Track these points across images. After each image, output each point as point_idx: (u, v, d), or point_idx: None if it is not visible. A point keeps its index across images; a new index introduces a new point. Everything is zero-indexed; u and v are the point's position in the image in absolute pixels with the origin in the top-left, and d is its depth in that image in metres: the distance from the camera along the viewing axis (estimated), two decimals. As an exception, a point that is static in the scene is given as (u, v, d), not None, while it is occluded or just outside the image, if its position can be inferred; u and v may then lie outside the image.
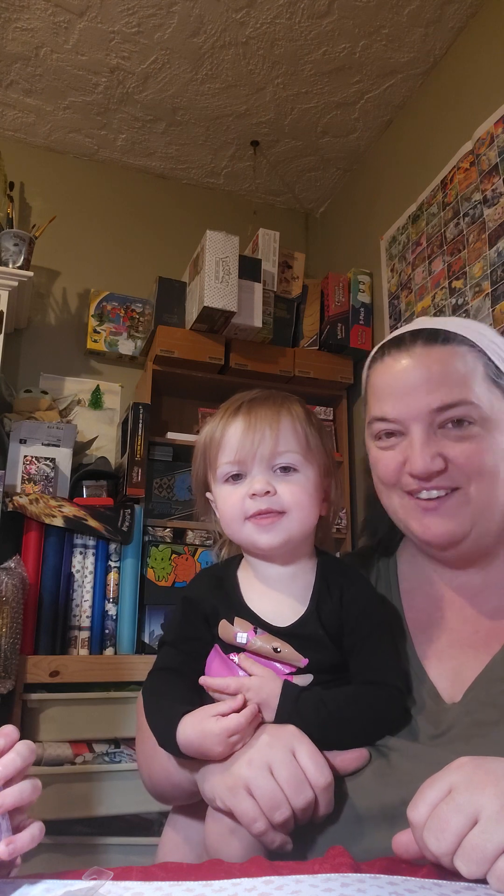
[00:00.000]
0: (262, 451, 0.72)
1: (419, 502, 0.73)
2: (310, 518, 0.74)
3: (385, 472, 0.76)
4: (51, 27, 2.30)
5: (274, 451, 0.72)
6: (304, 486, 0.73)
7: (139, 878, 0.52)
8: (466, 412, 0.72)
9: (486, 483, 0.72)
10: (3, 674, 1.79)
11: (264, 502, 0.71)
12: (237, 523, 0.73)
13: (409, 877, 0.52)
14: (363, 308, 2.68)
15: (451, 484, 0.72)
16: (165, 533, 2.32)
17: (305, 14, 2.23)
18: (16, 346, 2.60)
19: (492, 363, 0.75)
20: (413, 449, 0.72)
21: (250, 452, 0.72)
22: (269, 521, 0.72)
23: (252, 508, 0.72)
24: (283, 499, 0.72)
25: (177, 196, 3.04)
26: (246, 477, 0.73)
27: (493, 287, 1.96)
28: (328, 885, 0.50)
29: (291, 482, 0.73)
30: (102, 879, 0.50)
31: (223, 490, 0.75)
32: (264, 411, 0.74)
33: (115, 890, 0.49)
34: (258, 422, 0.72)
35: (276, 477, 0.72)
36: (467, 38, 2.25)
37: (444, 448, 0.72)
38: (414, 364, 0.74)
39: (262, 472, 0.72)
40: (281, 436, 0.72)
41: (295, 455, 0.73)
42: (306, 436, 0.74)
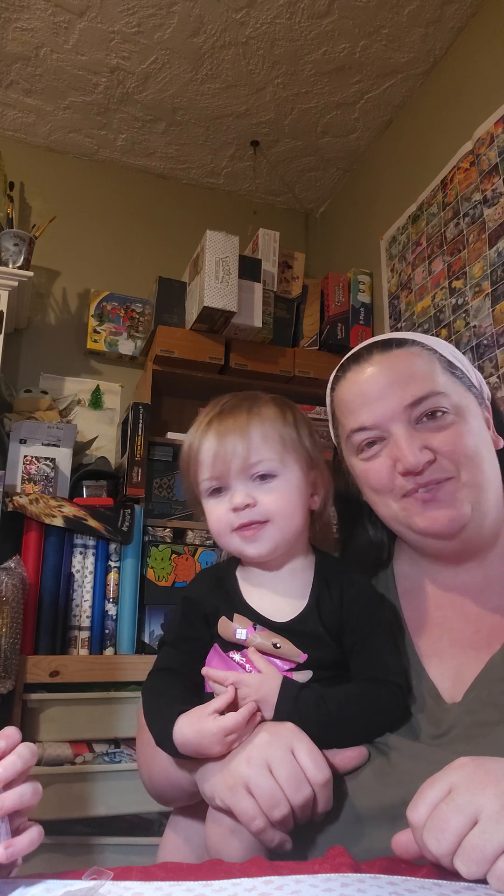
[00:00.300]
0: (235, 465, 0.72)
1: (417, 497, 0.74)
2: (295, 521, 0.74)
3: (378, 480, 0.77)
4: (51, 27, 2.30)
5: (247, 463, 0.72)
6: (285, 490, 0.73)
7: (139, 878, 0.52)
8: (438, 402, 0.75)
9: (473, 466, 0.74)
10: (3, 674, 1.79)
11: (245, 515, 0.72)
12: (224, 537, 0.75)
13: (409, 877, 0.53)
14: (363, 308, 2.68)
15: (442, 475, 0.73)
16: (165, 533, 2.32)
17: (305, 14, 2.23)
18: (16, 346, 2.60)
19: (444, 359, 0.78)
20: (399, 447, 0.74)
21: (225, 467, 0.73)
22: (253, 533, 0.73)
23: (235, 522, 0.73)
24: (264, 508, 0.72)
25: (177, 196, 3.04)
26: (226, 490, 0.74)
27: (493, 287, 1.96)
28: (328, 885, 0.50)
29: (271, 490, 0.73)
30: (102, 879, 0.50)
31: (208, 504, 0.76)
32: (232, 422, 0.74)
33: (115, 890, 0.49)
34: (227, 435, 0.73)
35: (255, 486, 0.73)
36: (467, 38, 2.25)
37: (428, 440, 0.74)
38: (378, 370, 0.77)
39: (240, 483, 0.73)
40: (252, 446, 0.72)
41: (270, 462, 0.73)
42: (280, 437, 0.74)
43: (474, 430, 0.75)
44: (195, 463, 0.76)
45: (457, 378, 0.78)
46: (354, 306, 2.67)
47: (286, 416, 0.77)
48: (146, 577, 2.22)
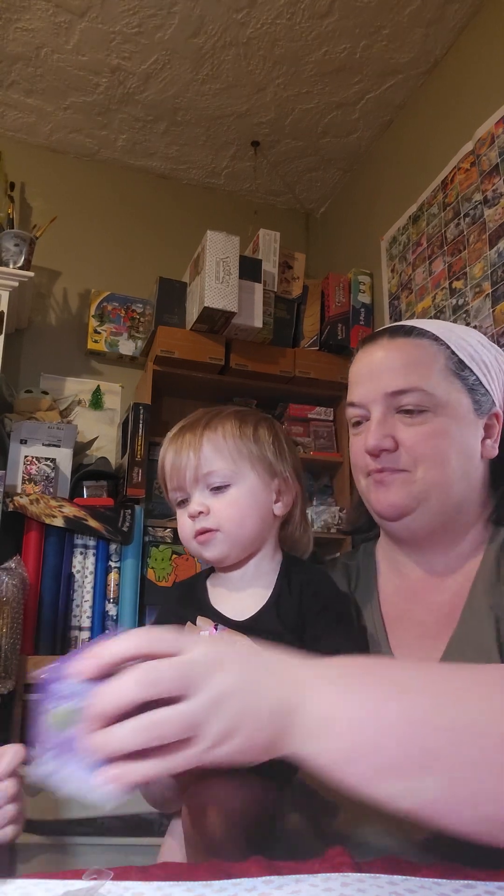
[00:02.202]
0: (188, 475, 0.78)
1: (374, 476, 0.79)
2: (247, 527, 0.78)
3: (354, 456, 0.83)
4: (52, 27, 2.30)
5: (198, 475, 0.78)
6: (236, 499, 0.78)
7: (139, 878, 0.52)
8: (419, 399, 0.77)
9: (433, 469, 0.76)
10: (3, 674, 1.80)
11: (199, 522, 0.78)
12: (188, 542, 0.80)
13: (410, 876, 0.53)
14: (363, 308, 2.68)
15: (398, 466, 0.77)
16: (166, 533, 2.32)
17: (306, 14, 2.23)
18: (16, 347, 2.60)
19: (455, 356, 0.79)
20: (369, 428, 0.78)
21: (180, 478, 0.79)
22: (206, 538, 0.78)
23: (193, 529, 0.78)
24: (215, 516, 0.77)
25: (177, 196, 3.04)
26: (188, 501, 0.79)
27: (493, 287, 1.96)
28: (328, 884, 0.50)
29: (222, 499, 0.78)
30: (102, 879, 0.50)
31: (178, 513, 0.82)
32: (188, 436, 0.79)
33: (115, 890, 0.49)
34: (181, 448, 0.79)
35: (209, 495, 0.78)
36: (468, 38, 2.25)
37: (397, 430, 0.77)
38: (379, 354, 0.81)
39: (197, 493, 0.79)
40: (203, 457, 0.78)
41: (222, 472, 0.78)
42: (236, 449, 0.79)
43: (449, 433, 0.77)
44: (162, 477, 0.82)
45: (460, 379, 0.78)
46: (355, 307, 2.67)
47: (244, 429, 0.81)
48: (146, 578, 2.23)
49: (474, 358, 0.80)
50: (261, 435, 0.82)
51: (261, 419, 0.85)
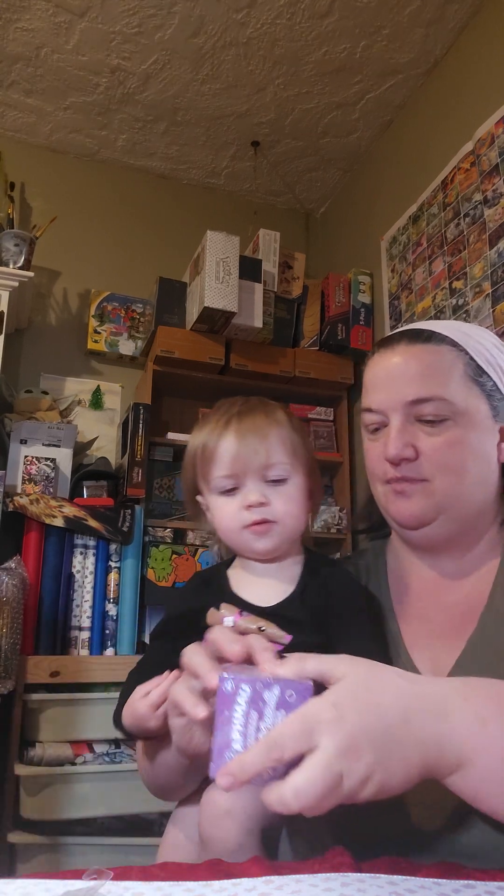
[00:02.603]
0: (254, 465, 0.76)
1: (393, 486, 0.79)
2: (300, 523, 0.79)
3: (370, 462, 0.83)
4: (51, 27, 2.30)
5: (266, 464, 0.76)
6: (293, 494, 0.78)
7: (139, 878, 0.52)
8: (438, 408, 0.76)
9: (451, 478, 0.76)
10: (3, 674, 1.80)
11: (258, 513, 0.76)
12: (234, 532, 0.78)
13: (409, 876, 0.53)
14: (363, 308, 2.68)
15: (418, 475, 0.77)
16: (166, 533, 2.32)
17: (306, 14, 2.23)
18: (16, 347, 2.60)
19: (473, 362, 0.78)
20: (389, 436, 0.78)
21: (243, 467, 0.76)
22: (264, 530, 0.76)
23: (248, 519, 0.76)
24: (275, 509, 0.76)
25: (177, 196, 3.04)
26: (240, 489, 0.77)
27: (493, 287, 1.96)
28: (328, 884, 0.50)
29: (282, 492, 0.77)
30: (102, 879, 0.50)
31: (218, 501, 0.79)
32: (251, 424, 0.78)
33: (115, 890, 0.49)
34: (249, 436, 0.77)
35: (267, 487, 0.77)
36: (468, 38, 2.25)
37: (418, 439, 0.77)
38: (397, 360, 0.80)
39: (255, 483, 0.77)
40: (271, 448, 0.76)
41: (284, 465, 0.77)
42: (293, 443, 0.78)
43: (468, 443, 0.77)
44: (209, 460, 0.78)
45: (478, 385, 0.78)
46: (355, 307, 2.67)
47: (293, 423, 0.81)
48: (146, 578, 2.23)
49: (491, 363, 0.80)
50: (303, 431, 0.82)
51: (294, 417, 0.84)
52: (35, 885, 0.50)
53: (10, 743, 1.88)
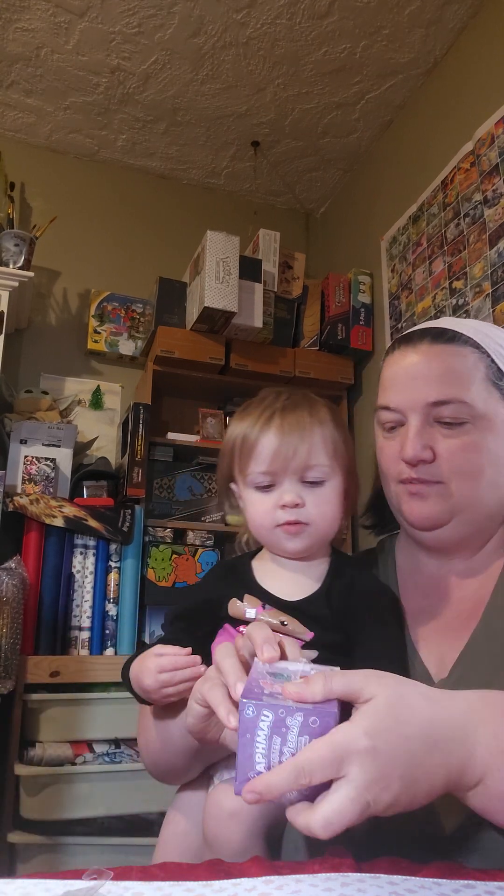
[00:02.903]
0: (293, 465, 0.75)
1: (408, 487, 0.78)
2: (333, 526, 0.78)
3: (384, 461, 0.82)
4: (51, 28, 2.30)
5: (305, 465, 0.75)
6: (330, 497, 0.77)
7: (139, 878, 0.52)
8: (458, 411, 0.76)
9: (467, 482, 0.76)
10: (3, 674, 1.80)
11: (293, 514, 0.75)
12: (266, 529, 0.77)
13: (409, 876, 0.53)
14: (363, 308, 2.68)
15: (434, 478, 0.76)
16: (166, 533, 2.32)
17: (306, 14, 2.23)
18: (16, 347, 2.60)
19: (494, 365, 0.78)
20: (407, 437, 0.77)
21: (282, 465, 0.75)
22: (297, 530, 0.76)
23: (282, 518, 0.75)
24: (310, 511, 0.75)
25: (177, 196, 3.04)
26: (276, 486, 0.76)
27: (493, 287, 1.96)
28: (328, 884, 0.50)
29: (318, 495, 0.76)
30: (102, 879, 0.50)
31: (252, 495, 0.78)
32: (295, 421, 0.76)
33: (115, 890, 0.49)
34: (291, 434, 0.75)
35: (304, 488, 0.76)
36: (468, 38, 2.25)
37: (436, 441, 0.76)
38: (418, 359, 0.79)
39: (292, 483, 0.76)
40: (312, 449, 0.75)
41: (323, 468, 0.76)
42: (334, 444, 0.77)
43: (486, 447, 0.76)
44: (248, 453, 0.77)
45: (497, 389, 0.78)
46: (355, 307, 2.67)
47: (337, 422, 0.79)
48: (146, 578, 2.23)
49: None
50: (345, 430, 0.81)
51: (337, 413, 0.82)
52: (35, 885, 0.50)
53: (10, 743, 1.88)
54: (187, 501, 2.47)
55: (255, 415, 0.78)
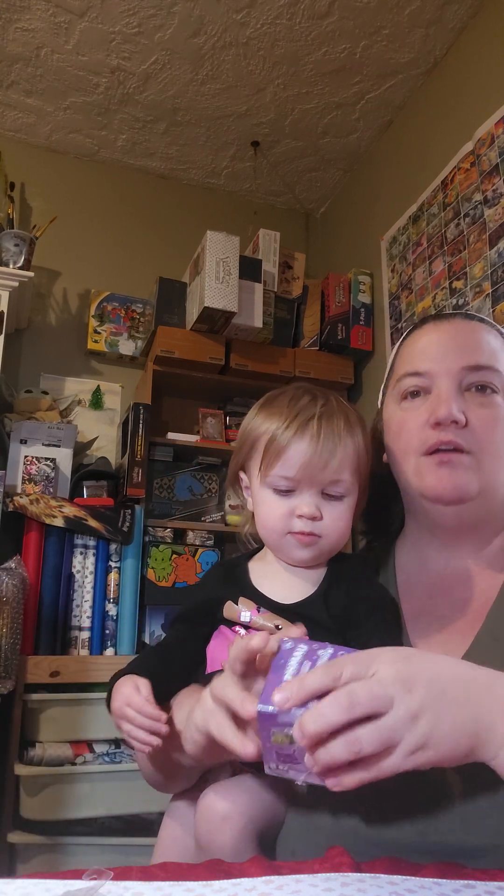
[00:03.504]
0: (320, 478, 0.74)
1: (435, 456, 0.76)
2: (343, 541, 0.77)
3: (408, 431, 0.79)
4: (51, 28, 2.30)
5: (330, 480, 0.74)
6: (345, 513, 0.76)
7: (139, 878, 0.52)
8: (491, 378, 0.77)
9: (494, 460, 0.76)
10: (3, 674, 1.80)
11: (309, 525, 0.74)
12: (277, 534, 0.76)
13: (409, 876, 0.53)
14: (364, 308, 2.68)
15: (466, 444, 0.75)
16: (166, 533, 2.32)
17: (306, 15, 2.23)
18: (16, 347, 2.60)
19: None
20: (440, 399, 0.76)
21: (308, 475, 0.73)
22: (310, 541, 0.75)
23: (297, 527, 0.74)
24: (326, 524, 0.75)
25: (177, 196, 3.04)
26: (295, 493, 0.75)
27: (493, 287, 1.96)
28: (328, 884, 0.50)
29: (336, 508, 0.75)
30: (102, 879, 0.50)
31: (267, 495, 0.76)
32: (331, 434, 0.74)
33: (115, 890, 0.49)
34: (325, 447, 0.73)
35: (323, 501, 0.75)
36: (468, 38, 2.25)
37: (468, 409, 0.76)
38: (451, 332, 0.80)
39: (313, 494, 0.74)
40: (340, 465, 0.74)
41: (346, 484, 0.75)
42: (359, 459, 0.76)
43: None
44: (275, 453, 0.74)
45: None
46: (355, 307, 2.67)
47: (367, 440, 0.78)
48: (146, 578, 2.23)
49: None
50: (370, 446, 0.79)
51: (364, 423, 0.80)
52: (35, 885, 0.50)
53: (10, 743, 1.88)
54: (187, 501, 2.47)
55: (289, 416, 0.75)
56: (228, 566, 0.83)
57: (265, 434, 0.76)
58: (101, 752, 1.92)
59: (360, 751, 0.49)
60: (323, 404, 0.76)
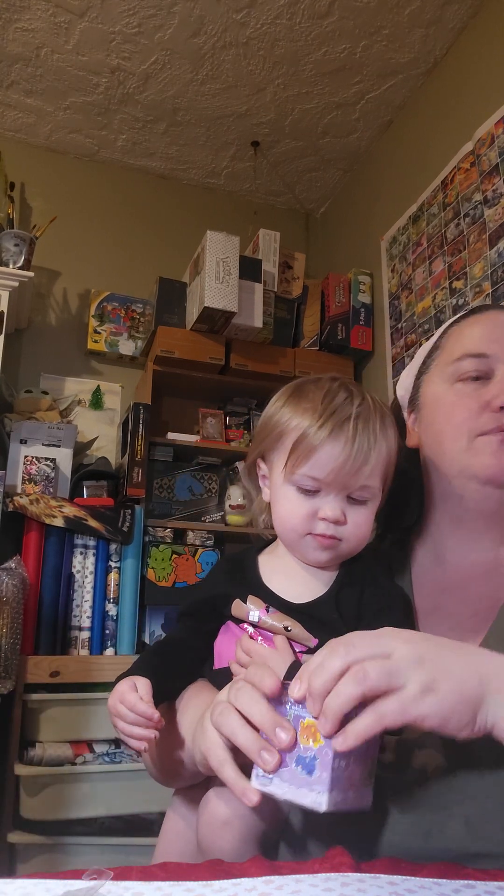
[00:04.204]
0: (348, 483, 0.71)
1: (496, 436, 0.75)
2: (362, 545, 0.75)
3: (463, 413, 0.77)
4: (51, 28, 2.30)
5: (358, 485, 0.72)
6: (368, 518, 0.74)
7: (139, 878, 0.52)
8: None
9: None
10: (3, 674, 1.80)
11: (331, 528, 0.72)
12: (296, 533, 0.74)
13: (409, 876, 0.53)
14: (363, 308, 2.68)
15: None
16: (166, 533, 2.32)
17: (306, 14, 2.23)
18: (16, 347, 2.60)
19: None
20: (500, 382, 0.75)
21: (336, 479, 0.71)
22: (331, 545, 0.73)
23: (318, 529, 0.72)
24: (349, 529, 0.73)
25: (177, 196, 3.04)
26: (320, 494, 0.72)
27: (493, 287, 1.96)
28: (328, 884, 0.50)
29: (359, 513, 0.73)
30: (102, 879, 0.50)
31: (290, 493, 0.74)
32: (367, 438, 0.71)
33: (115, 890, 0.49)
34: (359, 452, 0.70)
35: (348, 505, 0.73)
36: (467, 38, 2.25)
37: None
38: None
39: (338, 498, 0.72)
40: (371, 471, 0.71)
41: (373, 489, 0.73)
42: (388, 464, 0.74)
43: None
44: (305, 451, 0.71)
45: None
46: (355, 307, 2.67)
47: (398, 441, 0.75)
48: (146, 578, 2.23)
49: None
50: (399, 450, 0.77)
51: (394, 423, 0.77)
52: (35, 885, 0.50)
53: (10, 743, 1.88)
54: (187, 501, 2.47)
55: (323, 413, 0.71)
56: (237, 560, 0.81)
57: (295, 430, 0.72)
58: (101, 752, 1.93)
59: (366, 678, 0.51)
60: (360, 403, 0.72)
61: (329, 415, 0.71)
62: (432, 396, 0.82)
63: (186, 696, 0.75)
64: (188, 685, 0.76)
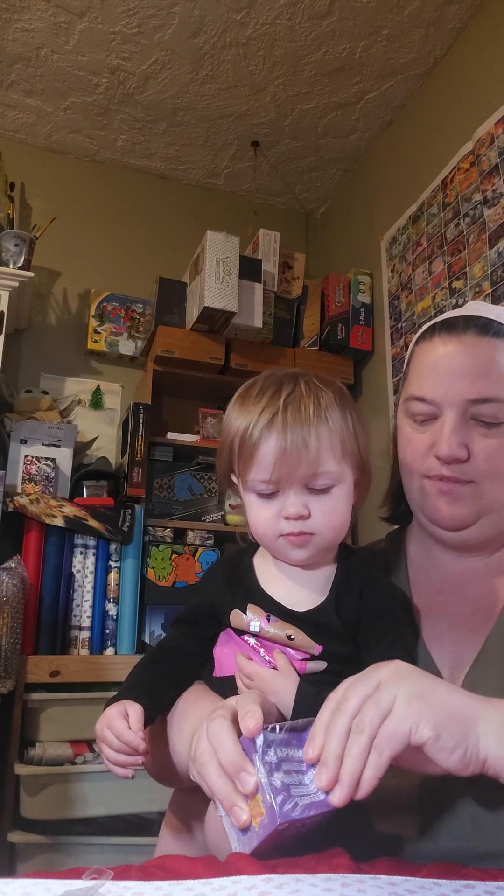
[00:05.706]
0: (297, 474, 0.68)
1: (436, 484, 0.75)
2: (341, 534, 0.73)
3: (410, 454, 0.78)
4: (51, 28, 2.30)
5: (310, 474, 0.69)
6: (337, 504, 0.71)
7: (139, 878, 0.52)
8: (498, 410, 0.73)
9: (499, 483, 0.74)
10: (3, 674, 1.80)
11: (297, 525, 0.70)
12: (269, 539, 0.73)
13: (409, 877, 0.53)
14: (363, 308, 2.68)
15: (467, 477, 0.74)
16: (166, 533, 2.32)
17: (306, 15, 2.23)
18: (16, 347, 2.60)
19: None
20: (442, 433, 0.73)
21: (285, 474, 0.68)
22: (303, 541, 0.71)
23: (286, 529, 0.70)
24: (317, 521, 0.70)
25: (177, 196, 3.04)
26: (279, 494, 0.70)
27: (493, 287, 1.96)
28: (328, 884, 0.50)
29: (325, 503, 0.70)
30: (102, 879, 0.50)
31: (253, 501, 0.72)
32: (299, 425, 0.68)
33: (115, 890, 0.49)
34: (294, 440, 0.67)
35: (310, 496, 0.70)
36: (467, 38, 2.25)
37: (472, 440, 0.73)
38: (461, 351, 0.75)
39: (297, 492, 0.70)
40: (318, 456, 0.68)
41: (331, 474, 0.70)
42: (342, 442, 0.70)
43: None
44: (248, 457, 0.69)
45: None
46: (355, 306, 2.67)
47: (348, 419, 0.72)
48: (146, 577, 2.23)
49: None
50: (356, 423, 0.73)
51: (350, 401, 0.74)
52: (35, 885, 0.50)
53: (10, 743, 1.88)
54: (187, 501, 2.47)
55: (256, 409, 0.69)
56: (232, 564, 0.80)
57: (237, 435, 0.71)
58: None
59: (367, 727, 0.52)
60: (289, 393, 0.69)
61: (258, 413, 0.69)
62: (399, 425, 0.82)
63: (182, 704, 0.73)
64: (185, 691, 0.75)
